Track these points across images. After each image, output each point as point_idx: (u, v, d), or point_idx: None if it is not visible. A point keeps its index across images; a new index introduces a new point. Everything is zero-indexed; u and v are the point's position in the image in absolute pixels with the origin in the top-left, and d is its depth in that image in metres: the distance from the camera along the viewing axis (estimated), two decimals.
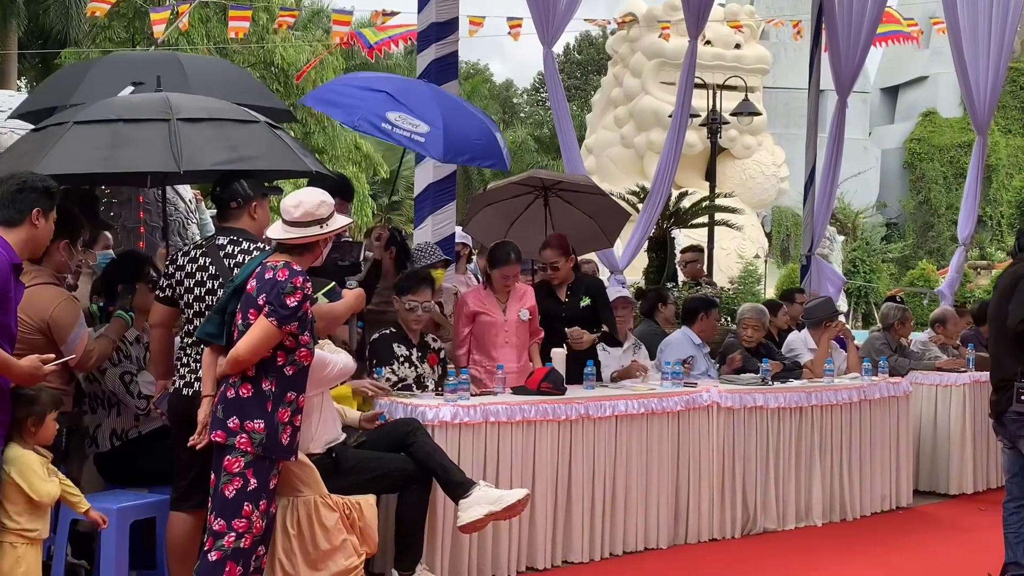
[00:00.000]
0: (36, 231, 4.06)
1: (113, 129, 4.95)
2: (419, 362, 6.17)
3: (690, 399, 6.56)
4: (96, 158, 4.93)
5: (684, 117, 9.63)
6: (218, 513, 4.23)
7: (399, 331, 6.17)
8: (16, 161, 5.03)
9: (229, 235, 4.67)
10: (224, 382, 4.26)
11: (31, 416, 4.10)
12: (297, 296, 4.19)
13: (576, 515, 6.01)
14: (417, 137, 6.59)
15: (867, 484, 7.56)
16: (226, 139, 5.05)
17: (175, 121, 4.94)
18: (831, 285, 10.98)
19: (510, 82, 51.35)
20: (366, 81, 7.22)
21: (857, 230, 31.78)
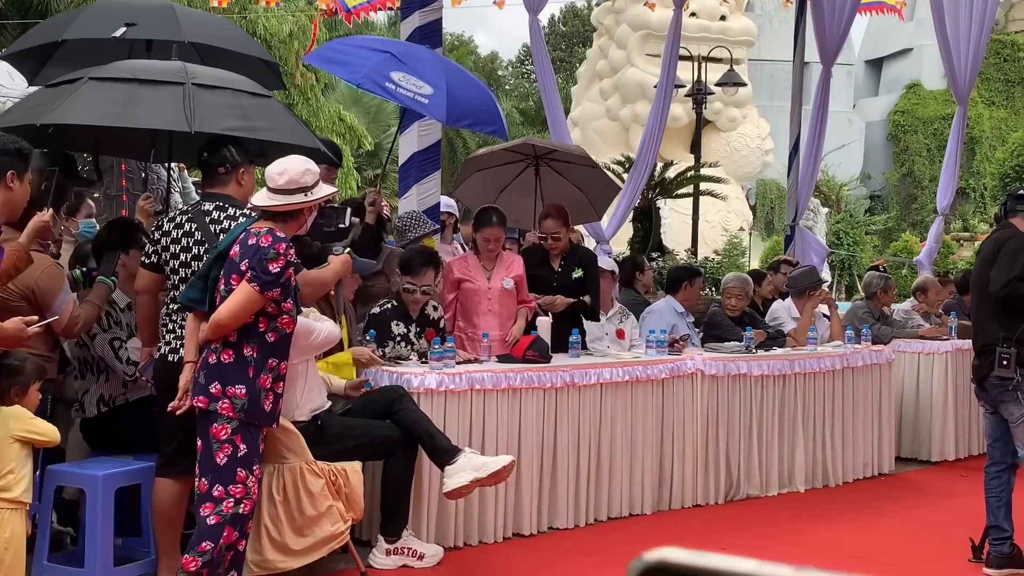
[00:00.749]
0: (11, 194, 4.04)
1: (128, 88, 4.96)
2: (416, 339, 6.17)
3: (674, 367, 6.59)
4: (108, 112, 4.92)
5: (669, 88, 9.62)
6: (214, 479, 4.23)
7: (399, 305, 6.17)
8: (27, 112, 5.03)
9: (215, 201, 4.65)
10: (206, 348, 4.26)
11: (14, 386, 4.09)
12: (280, 262, 4.18)
13: (561, 482, 6.04)
14: (420, 98, 6.59)
15: (850, 451, 7.62)
16: (239, 107, 5.07)
17: (190, 85, 4.95)
18: (815, 255, 11.03)
19: (495, 54, 51.11)
20: (369, 42, 7.23)
21: (841, 202, 31.84)
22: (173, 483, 4.63)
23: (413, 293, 6.10)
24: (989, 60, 33.60)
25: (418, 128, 7.83)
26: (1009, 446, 5.51)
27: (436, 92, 6.67)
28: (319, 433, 4.97)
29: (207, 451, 4.25)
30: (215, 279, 4.28)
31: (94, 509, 4.62)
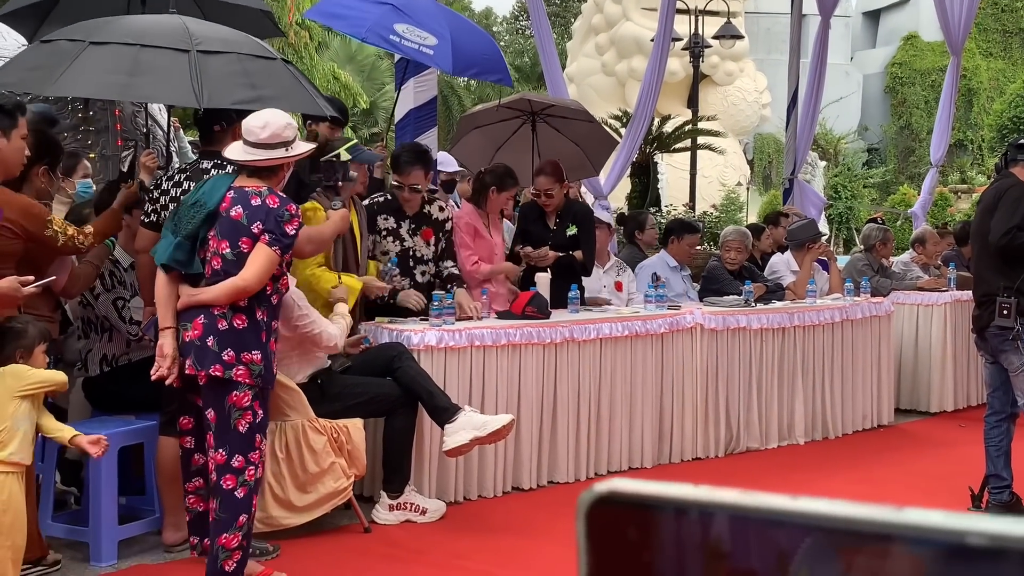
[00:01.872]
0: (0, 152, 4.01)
1: (132, 54, 4.83)
2: (410, 235, 6.08)
3: (673, 321, 6.59)
4: (114, 83, 4.84)
5: (666, 42, 9.54)
6: (233, 449, 4.09)
7: (392, 200, 6.08)
8: (27, 74, 4.95)
9: (213, 159, 4.60)
10: (207, 313, 4.06)
11: (18, 349, 4.07)
12: (295, 224, 4.11)
13: (561, 436, 6.07)
14: (425, 49, 6.54)
15: (849, 403, 7.65)
16: (246, 75, 4.97)
17: (195, 53, 4.85)
18: (813, 208, 11.00)
19: (489, 10, 50.70)
20: None
21: (839, 155, 31.77)
22: (176, 441, 4.63)
23: (401, 191, 6.02)
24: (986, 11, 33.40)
25: (414, 84, 7.80)
26: (1009, 395, 5.53)
27: (441, 42, 6.62)
28: (319, 392, 4.99)
29: (224, 421, 4.08)
30: (204, 240, 4.11)
31: (97, 469, 4.63)
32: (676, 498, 0.51)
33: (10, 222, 4.38)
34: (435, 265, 6.16)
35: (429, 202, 6.19)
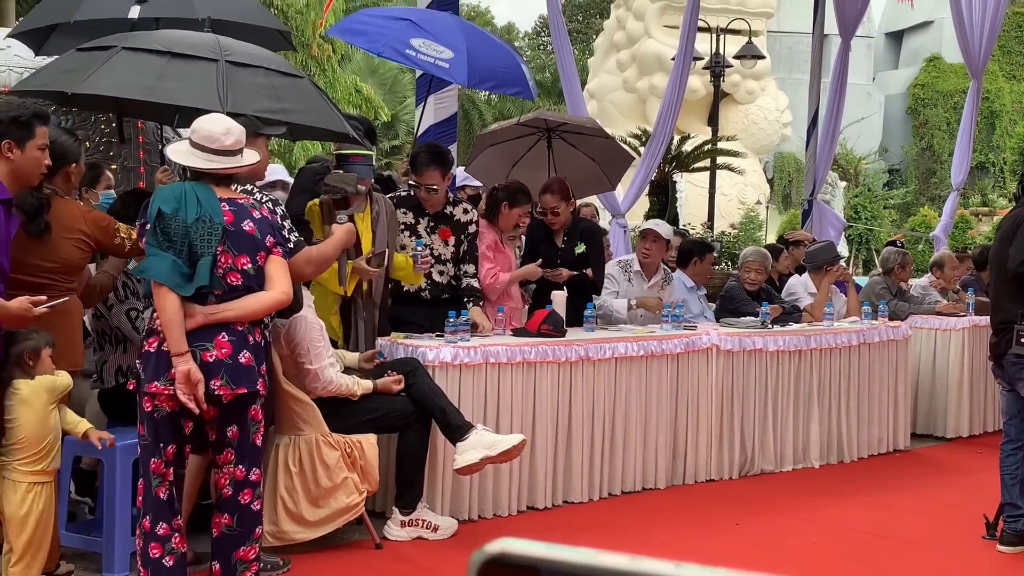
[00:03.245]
0: (13, 163, 4.02)
1: (161, 60, 4.94)
2: (427, 232, 6.11)
3: (689, 342, 6.58)
4: (141, 85, 4.91)
5: (687, 61, 9.57)
6: (251, 463, 4.08)
7: (412, 196, 6.13)
8: (58, 76, 5.04)
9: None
10: (226, 330, 3.93)
11: (26, 351, 4.11)
12: (287, 230, 4.22)
13: (576, 456, 6.06)
14: (441, 63, 6.58)
15: (865, 427, 7.61)
16: (271, 88, 5.04)
17: (223, 62, 4.93)
18: (832, 229, 10.98)
19: (511, 25, 50.87)
20: (390, 12, 7.23)
21: (859, 176, 31.68)
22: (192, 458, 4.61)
23: (419, 190, 6.07)
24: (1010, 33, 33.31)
25: (434, 101, 7.82)
26: None
27: (456, 55, 6.66)
28: (333, 406, 4.99)
29: (245, 436, 4.04)
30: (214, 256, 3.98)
31: (112, 479, 4.66)
32: (565, 561, 0.51)
33: (85, 235, 4.47)
34: (454, 267, 6.17)
35: (454, 203, 6.22)
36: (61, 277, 4.48)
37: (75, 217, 4.53)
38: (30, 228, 4.34)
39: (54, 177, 4.52)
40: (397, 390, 5.21)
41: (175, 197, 3.90)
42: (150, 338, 3.95)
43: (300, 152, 21.33)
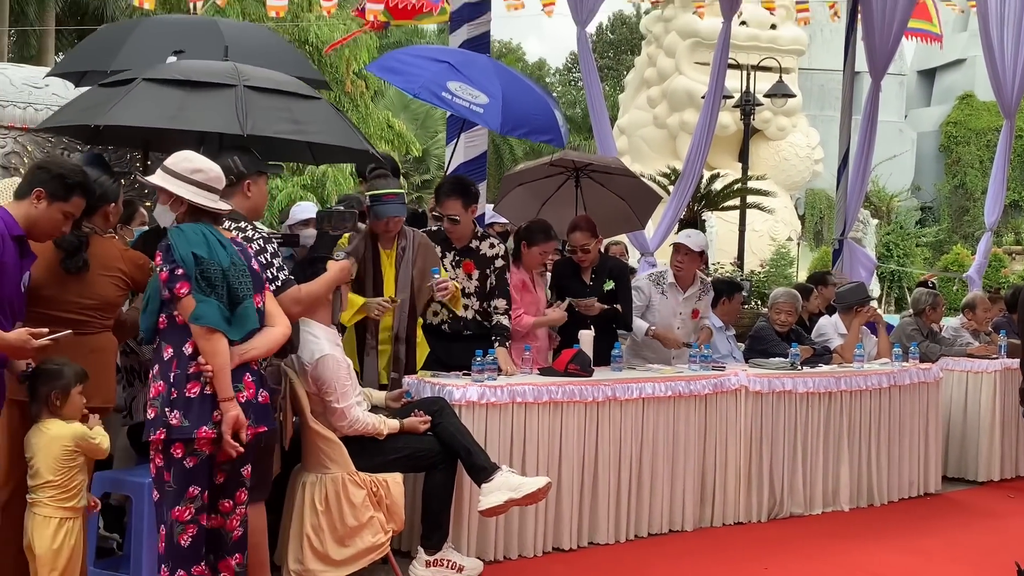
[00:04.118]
0: (34, 211, 4.02)
1: (181, 90, 5.05)
2: (452, 266, 6.12)
3: (718, 383, 6.55)
4: (162, 115, 5.01)
5: (717, 98, 9.58)
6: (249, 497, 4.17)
7: (439, 230, 6.18)
8: (81, 112, 5.13)
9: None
10: (248, 370, 4.01)
11: (54, 391, 4.14)
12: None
13: (602, 497, 6.03)
14: (476, 108, 6.63)
15: (895, 470, 7.53)
16: (289, 111, 5.14)
17: (242, 87, 5.03)
18: (863, 269, 10.92)
19: (543, 61, 51.21)
20: (429, 52, 7.29)
21: (891, 213, 31.51)
22: (259, 507, 4.54)
23: (441, 221, 6.09)
24: None
25: (464, 139, 7.88)
26: None
27: (491, 101, 6.71)
28: (360, 445, 5.00)
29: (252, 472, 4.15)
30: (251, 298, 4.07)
31: (140, 515, 4.67)
32: None
33: (123, 273, 4.53)
34: (480, 301, 6.18)
35: (481, 238, 6.24)
36: (98, 314, 4.53)
37: (113, 256, 4.58)
38: (69, 265, 4.40)
39: (93, 216, 4.59)
40: (423, 429, 5.21)
41: (201, 241, 3.94)
42: (189, 384, 3.89)
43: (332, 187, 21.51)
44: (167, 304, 3.95)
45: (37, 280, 4.35)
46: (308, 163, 6.77)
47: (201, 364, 3.88)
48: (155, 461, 3.94)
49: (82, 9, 25.33)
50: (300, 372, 4.93)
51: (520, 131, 7.17)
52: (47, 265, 4.38)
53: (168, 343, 3.95)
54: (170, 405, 3.88)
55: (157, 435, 3.86)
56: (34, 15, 24.85)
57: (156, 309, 3.98)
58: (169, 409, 3.87)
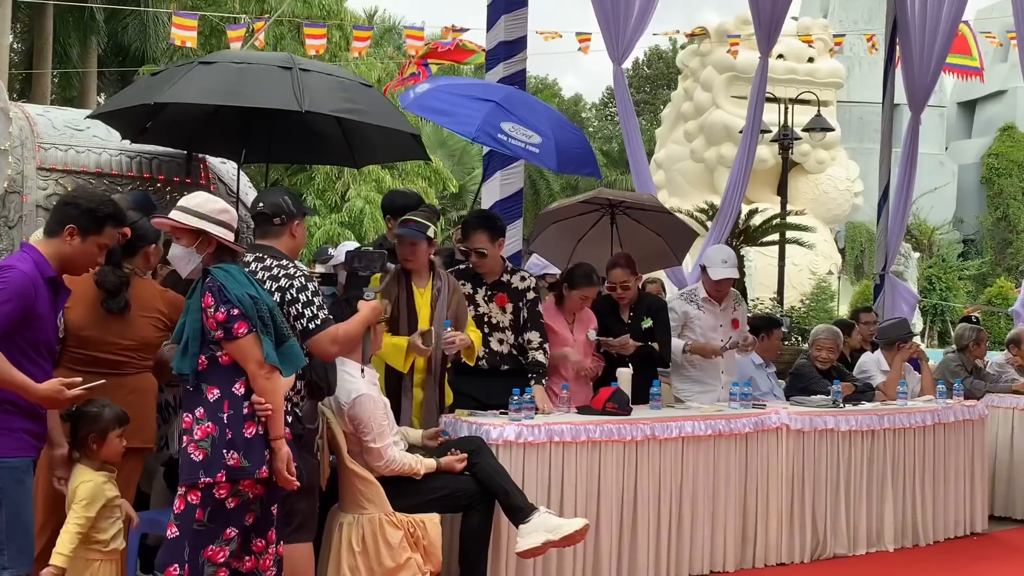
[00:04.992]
0: (68, 248, 3.98)
1: (237, 69, 5.19)
2: (485, 301, 6.08)
3: (759, 421, 6.47)
4: (219, 91, 5.13)
5: (755, 133, 9.56)
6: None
7: (471, 268, 6.14)
8: (140, 93, 5.25)
9: (256, 252, 4.41)
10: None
11: (92, 433, 4.14)
12: None
13: (641, 537, 5.95)
14: (532, 148, 6.65)
15: (940, 509, 7.40)
16: (344, 89, 5.27)
17: (297, 69, 5.17)
18: (905, 304, 10.79)
19: (578, 96, 51.40)
20: (469, 89, 7.26)
21: (933, 247, 31.20)
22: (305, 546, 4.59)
23: (468, 256, 6.07)
24: None
25: (501, 177, 7.89)
26: None
27: (545, 141, 6.73)
28: (396, 485, 4.97)
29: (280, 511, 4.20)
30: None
31: None
32: None
33: (162, 314, 4.56)
34: (514, 334, 6.13)
35: (511, 272, 6.21)
36: (138, 355, 4.56)
37: (153, 297, 4.62)
38: (111, 305, 4.43)
39: (133, 257, 4.63)
40: (460, 468, 5.18)
41: (247, 281, 4.00)
42: (246, 424, 3.92)
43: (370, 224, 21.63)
44: (210, 345, 3.94)
45: (78, 321, 4.39)
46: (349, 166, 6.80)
47: (259, 403, 3.92)
48: (187, 499, 3.92)
49: (124, 51, 25.78)
50: (337, 412, 4.92)
51: (571, 167, 7.19)
52: (88, 306, 4.41)
53: (212, 384, 3.94)
54: (227, 446, 3.89)
55: (218, 477, 3.86)
56: (77, 57, 25.32)
57: (197, 351, 3.96)
58: (227, 451, 3.88)
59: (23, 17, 25.30)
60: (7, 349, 3.72)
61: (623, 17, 8.76)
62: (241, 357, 3.93)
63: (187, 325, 3.99)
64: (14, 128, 5.78)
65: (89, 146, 6.05)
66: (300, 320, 4.32)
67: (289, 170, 22.19)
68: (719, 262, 7.09)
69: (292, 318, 4.32)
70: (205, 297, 3.95)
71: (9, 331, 3.73)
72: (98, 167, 6.00)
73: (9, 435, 3.82)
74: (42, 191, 5.82)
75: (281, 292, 4.30)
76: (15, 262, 3.86)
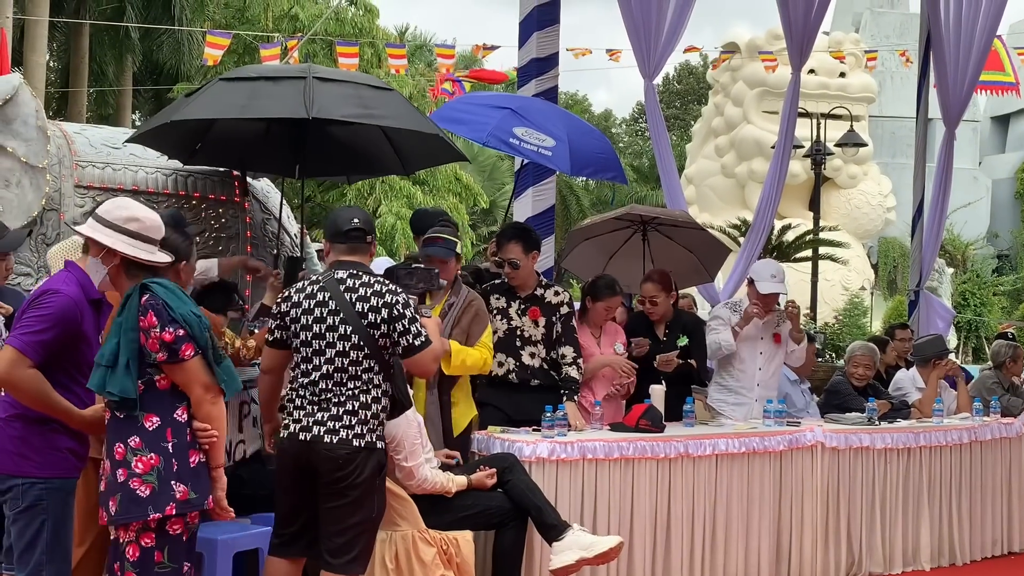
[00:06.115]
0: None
1: (252, 83, 5.31)
2: (519, 315, 6.05)
3: (793, 438, 6.43)
4: (234, 105, 5.25)
5: (787, 149, 9.51)
6: None
7: (504, 281, 6.14)
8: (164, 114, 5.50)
9: (348, 268, 4.43)
10: None
11: None
12: None
13: (675, 555, 5.91)
14: (544, 151, 6.68)
15: (978, 528, 7.32)
16: (359, 97, 5.31)
17: (311, 79, 5.21)
18: (941, 321, 10.68)
19: (608, 112, 51.45)
20: (488, 99, 7.35)
21: (967, 262, 30.92)
22: (288, 564, 4.51)
23: (502, 267, 6.08)
24: None
25: (533, 193, 7.89)
26: None
27: (558, 144, 6.75)
28: (430, 502, 4.97)
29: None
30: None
31: (212, 573, 4.68)
32: None
33: None
34: (546, 348, 6.09)
35: (545, 286, 6.19)
36: None
37: None
38: None
39: (165, 275, 4.63)
40: (491, 484, 5.17)
41: (185, 296, 3.82)
42: (190, 452, 3.68)
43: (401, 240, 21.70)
44: (147, 368, 3.65)
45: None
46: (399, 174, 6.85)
47: (203, 430, 3.69)
48: (140, 543, 3.61)
49: (158, 69, 26.05)
50: None
51: (587, 171, 7.23)
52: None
53: (150, 411, 3.64)
54: (175, 478, 3.61)
55: (168, 511, 3.59)
56: (112, 75, 25.61)
57: (137, 374, 3.64)
58: (175, 482, 3.61)
59: (59, 36, 25.63)
60: (50, 372, 3.74)
61: (654, 33, 8.75)
62: (185, 381, 3.67)
63: (122, 346, 3.62)
64: (52, 146, 5.83)
65: (126, 164, 6.10)
66: (406, 336, 4.32)
67: (321, 186, 22.30)
68: (768, 276, 7.02)
69: (397, 335, 4.32)
70: (147, 316, 3.63)
71: (53, 356, 3.75)
72: (135, 185, 6.05)
73: (56, 455, 3.84)
74: (79, 209, 5.88)
75: (388, 308, 4.31)
76: (60, 285, 3.85)
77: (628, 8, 8.56)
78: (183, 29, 23.89)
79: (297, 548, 4.51)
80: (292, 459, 4.38)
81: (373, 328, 4.31)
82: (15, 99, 5.70)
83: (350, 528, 4.34)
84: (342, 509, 4.31)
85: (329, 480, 4.29)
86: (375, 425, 4.37)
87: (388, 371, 4.43)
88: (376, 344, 4.33)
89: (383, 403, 4.42)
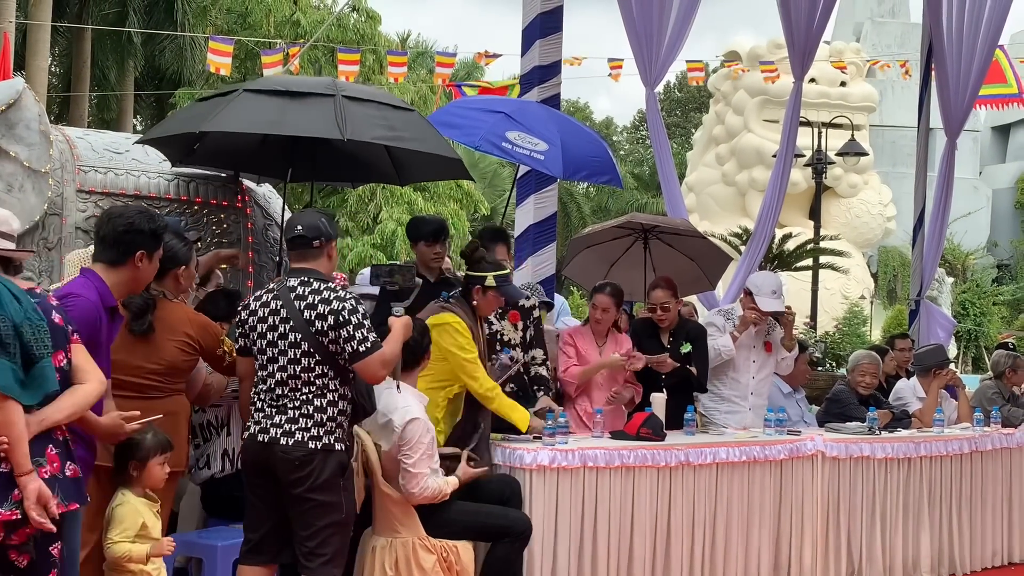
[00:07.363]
0: (138, 272, 4.02)
1: (281, 99, 5.28)
2: (498, 319, 6.04)
3: (794, 448, 6.42)
4: (265, 120, 5.23)
5: (788, 158, 9.51)
6: None
7: None
8: (184, 123, 5.37)
9: (300, 276, 4.42)
10: (48, 438, 3.54)
11: (132, 460, 4.16)
12: None
13: (675, 562, 5.90)
14: (537, 155, 6.68)
15: (978, 538, 7.31)
16: (385, 119, 5.41)
17: (340, 97, 5.25)
18: (941, 330, 10.67)
19: (610, 119, 51.46)
20: (482, 103, 7.36)
21: (967, 271, 30.91)
22: (260, 571, 4.51)
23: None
24: None
25: (534, 200, 7.91)
26: None
27: (551, 148, 6.75)
28: (430, 509, 4.96)
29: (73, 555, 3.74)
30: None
31: None
32: None
33: (190, 338, 4.57)
34: (523, 352, 6.11)
35: None
36: (165, 379, 4.55)
37: (181, 320, 4.61)
38: (134, 327, 4.42)
39: (163, 279, 4.61)
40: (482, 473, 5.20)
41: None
42: None
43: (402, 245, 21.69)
44: None
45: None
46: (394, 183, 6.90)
47: None
48: None
49: (160, 74, 26.07)
50: (382, 428, 4.88)
51: (581, 174, 7.22)
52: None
53: None
54: None
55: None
56: (114, 80, 25.63)
57: None
58: None
59: (61, 40, 25.65)
60: None
61: (656, 42, 8.76)
62: None
63: None
64: (54, 151, 5.85)
65: (128, 169, 6.11)
66: (351, 343, 4.30)
67: (322, 192, 22.31)
68: (768, 292, 7.00)
69: (343, 341, 4.30)
70: None
71: None
72: (137, 189, 6.07)
73: None
74: (81, 213, 5.89)
75: (334, 315, 4.30)
76: (80, 290, 3.84)
77: (630, 16, 8.57)
78: (185, 34, 23.92)
79: (266, 556, 4.49)
80: (253, 461, 4.43)
81: (321, 335, 4.31)
82: (18, 103, 5.71)
83: (320, 531, 4.35)
84: (309, 513, 4.34)
85: (289, 482, 4.31)
86: (333, 427, 4.36)
87: (346, 375, 4.42)
88: (326, 350, 4.33)
89: (340, 406, 4.41)
